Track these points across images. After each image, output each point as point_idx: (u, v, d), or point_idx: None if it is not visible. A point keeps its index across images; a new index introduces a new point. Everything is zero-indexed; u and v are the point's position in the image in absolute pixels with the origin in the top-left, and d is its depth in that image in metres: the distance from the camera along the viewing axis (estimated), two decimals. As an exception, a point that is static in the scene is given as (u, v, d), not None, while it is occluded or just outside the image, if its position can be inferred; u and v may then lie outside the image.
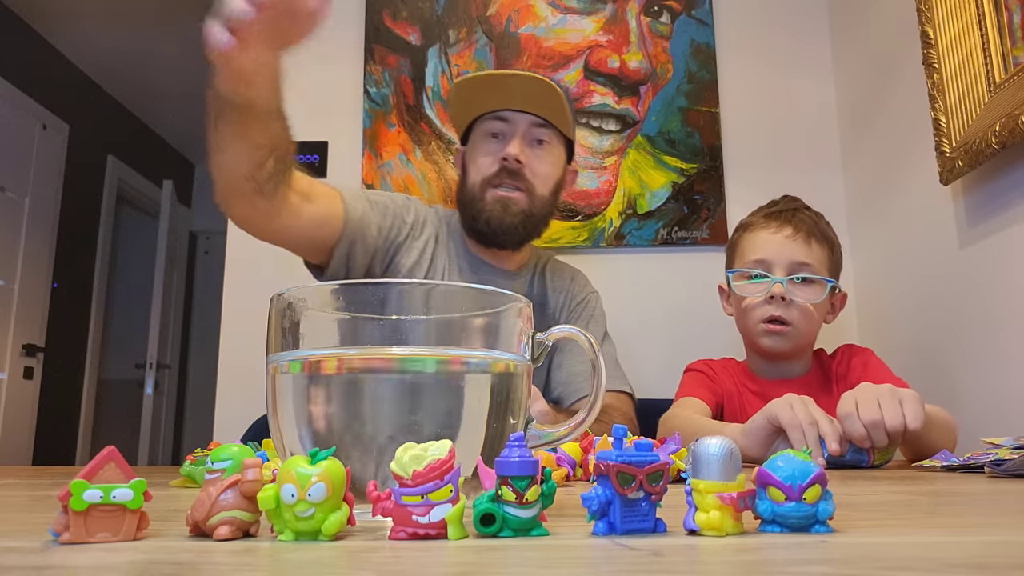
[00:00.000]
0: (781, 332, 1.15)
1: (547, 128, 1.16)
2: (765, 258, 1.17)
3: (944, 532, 0.34)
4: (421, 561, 0.28)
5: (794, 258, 1.15)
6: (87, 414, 3.90)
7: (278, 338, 0.44)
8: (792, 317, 1.15)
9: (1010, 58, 1.14)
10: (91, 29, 3.58)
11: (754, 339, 1.19)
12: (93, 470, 0.31)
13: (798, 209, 1.21)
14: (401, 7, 1.86)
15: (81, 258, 3.91)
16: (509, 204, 1.14)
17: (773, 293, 1.14)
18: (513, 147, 1.13)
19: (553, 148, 1.18)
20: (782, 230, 1.17)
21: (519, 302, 0.46)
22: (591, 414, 0.46)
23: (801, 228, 1.17)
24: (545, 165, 1.17)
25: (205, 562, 0.28)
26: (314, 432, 0.42)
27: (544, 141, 1.17)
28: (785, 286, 1.14)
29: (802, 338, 1.17)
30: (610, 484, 0.32)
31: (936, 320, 1.41)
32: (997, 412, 1.22)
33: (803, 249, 1.16)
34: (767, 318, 1.15)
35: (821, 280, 1.16)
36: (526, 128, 1.15)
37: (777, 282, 1.14)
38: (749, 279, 1.19)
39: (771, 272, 1.16)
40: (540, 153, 1.16)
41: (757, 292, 1.17)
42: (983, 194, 1.25)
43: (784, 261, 1.15)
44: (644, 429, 1.18)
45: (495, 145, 1.16)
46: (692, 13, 1.84)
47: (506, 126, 1.15)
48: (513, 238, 1.17)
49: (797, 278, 1.15)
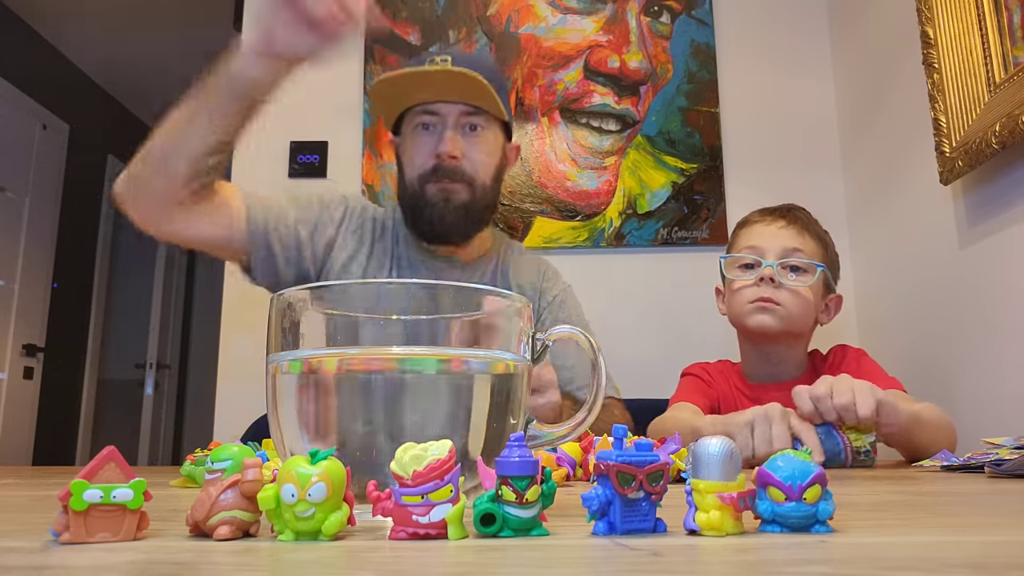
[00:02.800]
0: (769, 307, 1.15)
1: (478, 113, 1.13)
2: (758, 244, 1.19)
3: (944, 532, 0.34)
4: (421, 561, 0.28)
5: (786, 245, 1.17)
6: (87, 414, 3.90)
7: (278, 338, 0.44)
8: (782, 298, 1.15)
9: (1010, 58, 1.14)
10: (91, 29, 3.58)
11: (743, 321, 1.19)
12: (93, 470, 0.31)
13: (793, 208, 1.24)
14: (401, 7, 1.86)
15: (81, 258, 3.91)
16: (450, 197, 1.11)
17: (763, 275, 1.15)
18: (446, 143, 1.10)
19: (488, 132, 1.14)
20: (776, 222, 1.21)
21: (519, 302, 0.46)
22: (591, 414, 0.46)
23: (795, 222, 1.20)
24: (481, 152, 1.13)
25: (205, 562, 0.28)
26: (314, 432, 0.42)
27: (478, 126, 1.13)
28: (776, 269, 1.15)
29: (792, 321, 1.16)
30: (610, 484, 0.32)
31: (936, 320, 1.41)
32: (997, 412, 1.22)
33: (795, 238, 1.18)
34: (757, 299, 1.16)
35: (812, 266, 1.17)
36: (457, 117, 1.11)
37: (768, 265, 1.16)
38: (741, 266, 1.21)
39: (763, 257, 1.17)
40: (475, 140, 1.13)
41: (748, 275, 1.19)
42: (983, 194, 1.25)
43: (776, 247, 1.17)
44: (642, 427, 1.17)
45: (428, 138, 1.12)
46: (692, 13, 1.84)
47: (436, 118, 1.12)
48: (457, 231, 1.14)
49: (789, 266, 1.16)
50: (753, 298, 1.17)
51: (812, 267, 1.17)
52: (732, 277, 1.21)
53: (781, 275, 1.15)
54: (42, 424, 3.48)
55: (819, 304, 1.20)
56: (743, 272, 1.20)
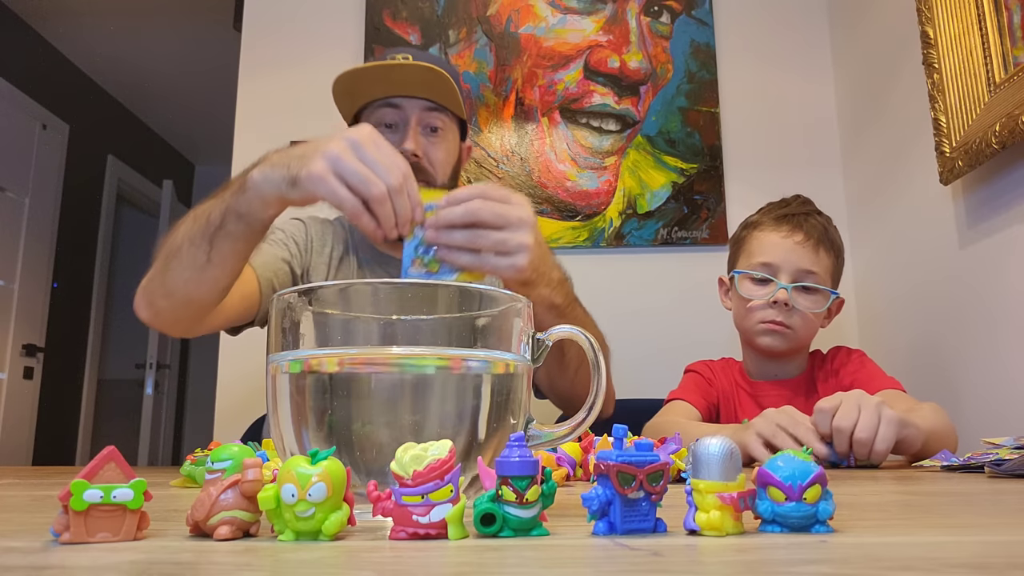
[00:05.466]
0: (780, 332, 1.15)
1: (440, 112, 1.13)
2: (772, 262, 1.16)
3: (944, 532, 0.34)
4: (421, 561, 0.28)
5: (801, 265, 1.15)
6: (87, 414, 3.90)
7: (278, 338, 0.44)
8: (793, 323, 1.15)
9: (1010, 58, 1.14)
10: (91, 29, 3.58)
11: (752, 337, 1.19)
12: (93, 470, 0.31)
13: (809, 214, 1.20)
14: (401, 7, 1.86)
15: (81, 258, 3.91)
16: None
17: (777, 299, 1.14)
18: (409, 142, 1.09)
19: (448, 132, 1.15)
20: (792, 235, 1.17)
21: (519, 302, 0.46)
22: (591, 414, 0.46)
23: (812, 235, 1.17)
24: (442, 152, 1.14)
25: (205, 562, 0.28)
26: (314, 432, 0.42)
27: (438, 128, 1.13)
28: (790, 292, 1.14)
29: (799, 341, 1.18)
30: (610, 484, 0.32)
31: (936, 320, 1.41)
32: (997, 412, 1.22)
33: (811, 257, 1.16)
34: (768, 321, 1.16)
35: (825, 291, 1.16)
36: (419, 115, 1.11)
37: (782, 288, 1.14)
38: (753, 280, 1.19)
39: (777, 277, 1.15)
40: (436, 141, 1.13)
41: (761, 295, 1.17)
42: (983, 194, 1.25)
43: (791, 267, 1.15)
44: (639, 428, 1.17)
45: (389, 137, 1.12)
46: (692, 13, 1.84)
47: (398, 113, 1.12)
48: None
49: (802, 286, 1.15)
50: (765, 319, 1.16)
51: (826, 293, 1.16)
52: (746, 295, 1.19)
53: (794, 299, 1.14)
54: (42, 424, 3.48)
55: (824, 313, 1.20)
56: (755, 286, 1.18)
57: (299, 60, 1.86)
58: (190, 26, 3.49)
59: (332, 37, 1.85)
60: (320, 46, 1.87)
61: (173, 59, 3.80)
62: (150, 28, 3.55)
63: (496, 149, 1.80)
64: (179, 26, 3.51)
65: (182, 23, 3.48)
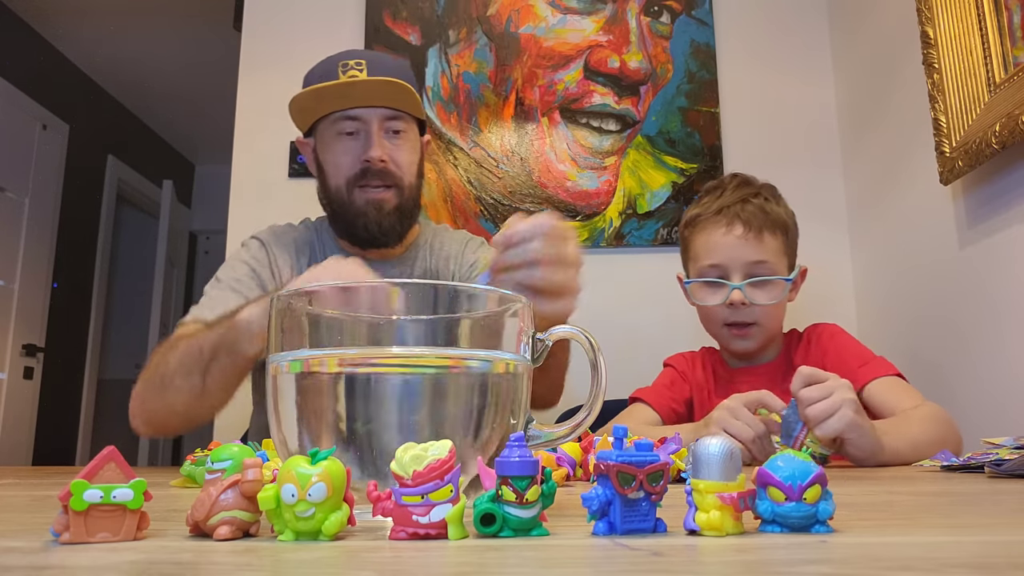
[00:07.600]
0: (746, 335, 1.15)
1: (400, 115, 1.13)
2: (720, 263, 1.14)
3: (944, 532, 0.34)
4: (421, 561, 0.28)
5: (748, 258, 1.13)
6: (87, 414, 3.90)
7: (278, 338, 0.44)
8: (755, 317, 1.14)
9: (1010, 58, 1.14)
10: (91, 29, 3.58)
11: (722, 341, 1.20)
12: (93, 470, 0.31)
13: (746, 200, 1.16)
14: (401, 7, 1.86)
15: (81, 258, 3.91)
16: (382, 205, 1.11)
17: (732, 301, 1.12)
18: (375, 149, 1.09)
19: (409, 133, 1.15)
20: (732, 230, 1.14)
21: (519, 302, 0.46)
22: (591, 414, 0.46)
23: (752, 224, 1.13)
24: (406, 153, 1.14)
25: (205, 562, 0.28)
26: (314, 432, 0.42)
27: (400, 131, 1.13)
28: (744, 290, 1.12)
29: (767, 333, 1.17)
30: (610, 484, 0.32)
31: (936, 320, 1.41)
32: (997, 412, 1.22)
33: (755, 247, 1.13)
34: (730, 324, 1.15)
35: (780, 281, 1.14)
36: (380, 122, 1.11)
37: (735, 288, 1.12)
38: (706, 285, 1.16)
39: (728, 277, 1.13)
40: (399, 143, 1.13)
41: (716, 300, 1.15)
42: (983, 194, 1.25)
43: (739, 263, 1.13)
44: None
45: (352, 143, 1.11)
46: (692, 13, 1.84)
47: (358, 123, 1.11)
48: (393, 236, 1.15)
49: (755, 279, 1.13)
50: (727, 321, 1.15)
51: (780, 282, 1.14)
52: (701, 301, 1.17)
53: (750, 296, 1.12)
54: (42, 424, 3.48)
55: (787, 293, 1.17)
56: (709, 291, 1.16)
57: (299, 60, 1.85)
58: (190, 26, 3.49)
59: (332, 37, 1.85)
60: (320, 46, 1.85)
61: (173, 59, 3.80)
62: (150, 28, 3.55)
63: (496, 149, 1.80)
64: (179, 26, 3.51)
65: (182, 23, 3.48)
